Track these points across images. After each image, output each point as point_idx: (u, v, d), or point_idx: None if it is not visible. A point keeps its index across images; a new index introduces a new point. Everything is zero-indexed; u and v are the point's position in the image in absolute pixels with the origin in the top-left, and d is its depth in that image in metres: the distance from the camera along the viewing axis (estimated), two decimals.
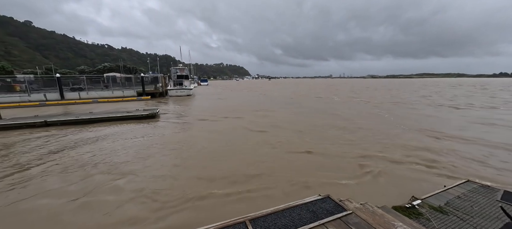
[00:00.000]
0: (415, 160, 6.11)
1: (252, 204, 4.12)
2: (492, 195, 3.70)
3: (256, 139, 8.25)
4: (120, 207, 4.06)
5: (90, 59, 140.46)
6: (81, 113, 13.22)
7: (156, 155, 6.69)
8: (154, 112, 13.04)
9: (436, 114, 13.65)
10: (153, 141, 8.14)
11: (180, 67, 35.23)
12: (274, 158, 6.36)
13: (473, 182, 4.25)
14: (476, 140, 7.90)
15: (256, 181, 4.98)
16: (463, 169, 5.58)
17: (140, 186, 4.80)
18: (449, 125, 10.42)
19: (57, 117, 11.65)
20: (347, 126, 10.27)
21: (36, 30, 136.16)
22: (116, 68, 62.40)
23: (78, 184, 4.90)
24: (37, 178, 5.19)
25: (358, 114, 13.73)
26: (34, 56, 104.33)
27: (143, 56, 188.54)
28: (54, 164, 6.03)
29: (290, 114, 13.97)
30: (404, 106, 17.26)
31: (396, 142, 7.77)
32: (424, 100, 21.70)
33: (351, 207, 2.98)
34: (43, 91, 22.48)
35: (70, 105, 20.03)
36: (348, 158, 6.28)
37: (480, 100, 21.13)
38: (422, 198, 3.59)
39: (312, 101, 21.97)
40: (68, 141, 8.17)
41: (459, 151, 6.81)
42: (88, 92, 23.81)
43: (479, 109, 15.58)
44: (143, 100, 23.59)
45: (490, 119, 11.77)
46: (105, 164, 6.01)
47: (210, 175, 5.27)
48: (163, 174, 5.39)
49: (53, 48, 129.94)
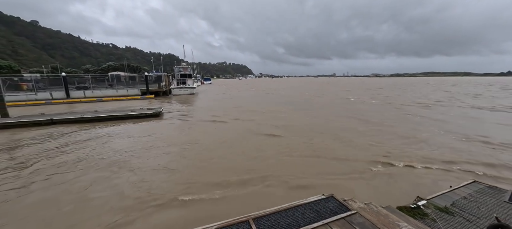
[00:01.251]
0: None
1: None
2: (500, 196, 3.63)
3: (271, 143, 8.24)
4: (118, 203, 4.11)
5: (95, 58, 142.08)
6: (86, 111, 13.40)
7: (160, 153, 6.74)
8: (158, 111, 13.14)
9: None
10: (156, 139, 8.21)
11: (184, 66, 35.42)
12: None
13: (479, 183, 4.18)
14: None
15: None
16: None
17: (142, 181, 4.85)
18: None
19: (63, 116, 11.83)
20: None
21: (42, 29, 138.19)
22: (120, 67, 62.89)
23: (80, 178, 4.97)
24: (42, 175, 5.29)
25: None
26: (41, 55, 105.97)
27: (147, 55, 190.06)
28: (58, 161, 6.13)
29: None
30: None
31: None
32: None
33: (355, 207, 2.96)
34: (49, 90, 22.82)
35: (75, 103, 20.31)
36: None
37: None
38: (428, 199, 3.54)
39: (331, 100, 21.05)
40: (73, 139, 8.29)
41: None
42: (93, 91, 24.10)
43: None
44: (147, 99, 23.79)
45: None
46: (109, 161, 6.08)
47: (213, 176, 5.29)
48: (165, 171, 5.44)
49: (59, 48, 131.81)
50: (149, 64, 75.81)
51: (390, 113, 13.72)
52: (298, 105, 17.78)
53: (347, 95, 26.23)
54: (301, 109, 15.60)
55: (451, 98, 22.28)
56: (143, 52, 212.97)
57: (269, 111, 14.94)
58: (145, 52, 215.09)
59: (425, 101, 19.49)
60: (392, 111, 14.71)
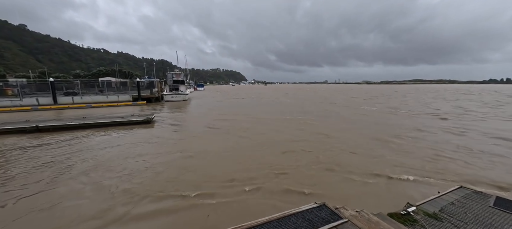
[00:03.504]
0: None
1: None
2: (485, 201, 3.74)
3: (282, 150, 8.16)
4: (101, 217, 3.96)
5: (85, 63, 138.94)
6: (74, 118, 13.00)
7: (150, 161, 6.59)
8: (149, 118, 12.91)
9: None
10: (148, 147, 8.03)
11: (176, 72, 35.17)
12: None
13: (466, 188, 4.30)
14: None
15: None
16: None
17: (129, 190, 4.70)
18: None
19: (49, 122, 11.42)
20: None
21: (30, 33, 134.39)
22: (111, 73, 61.84)
23: (59, 188, 4.77)
24: (21, 182, 5.04)
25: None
26: (28, 59, 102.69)
27: (139, 60, 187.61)
28: (43, 169, 5.87)
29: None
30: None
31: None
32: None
33: (347, 215, 2.97)
34: (36, 96, 22.08)
35: (63, 109, 19.69)
36: None
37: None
38: (417, 205, 3.60)
39: (353, 111, 18.08)
40: (59, 147, 7.99)
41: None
42: (82, 97, 23.49)
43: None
44: (138, 105, 23.37)
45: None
46: (96, 169, 5.88)
47: (203, 185, 5.21)
48: (157, 180, 5.31)
49: (48, 52, 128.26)
50: (142, 70, 74.86)
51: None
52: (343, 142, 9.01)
53: (363, 104, 23.67)
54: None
55: (465, 111, 17.92)
56: (136, 58, 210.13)
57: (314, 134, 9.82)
58: (138, 58, 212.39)
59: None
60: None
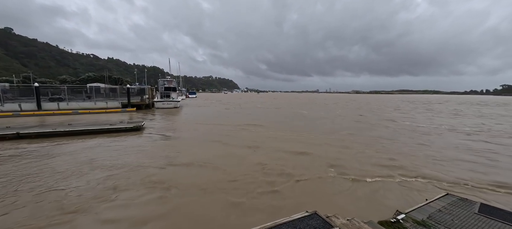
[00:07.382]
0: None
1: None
2: (471, 208, 3.85)
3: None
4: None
5: (73, 68, 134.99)
6: (59, 124, 12.47)
7: (139, 171, 6.38)
8: (139, 125, 12.59)
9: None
10: (136, 156, 7.79)
11: (168, 79, 34.84)
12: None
13: (452, 195, 4.42)
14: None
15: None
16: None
17: (118, 214, 4.51)
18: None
19: (32, 129, 10.90)
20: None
21: (16, 37, 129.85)
22: (101, 79, 60.37)
23: (42, 205, 4.51)
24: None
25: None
26: (12, 63, 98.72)
27: (131, 67, 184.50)
28: (19, 179, 5.54)
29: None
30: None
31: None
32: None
33: (338, 224, 2.97)
34: (19, 101, 21.12)
35: (47, 116, 18.88)
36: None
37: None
38: (406, 212, 3.65)
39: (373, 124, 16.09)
40: (41, 156, 7.60)
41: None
42: (68, 103, 22.66)
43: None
44: (127, 112, 22.80)
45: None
46: (79, 181, 5.62)
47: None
48: (145, 192, 5.13)
49: (34, 56, 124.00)
50: (133, 76, 73.63)
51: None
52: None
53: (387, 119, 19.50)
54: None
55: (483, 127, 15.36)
56: (127, 64, 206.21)
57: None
58: (129, 64, 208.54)
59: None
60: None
